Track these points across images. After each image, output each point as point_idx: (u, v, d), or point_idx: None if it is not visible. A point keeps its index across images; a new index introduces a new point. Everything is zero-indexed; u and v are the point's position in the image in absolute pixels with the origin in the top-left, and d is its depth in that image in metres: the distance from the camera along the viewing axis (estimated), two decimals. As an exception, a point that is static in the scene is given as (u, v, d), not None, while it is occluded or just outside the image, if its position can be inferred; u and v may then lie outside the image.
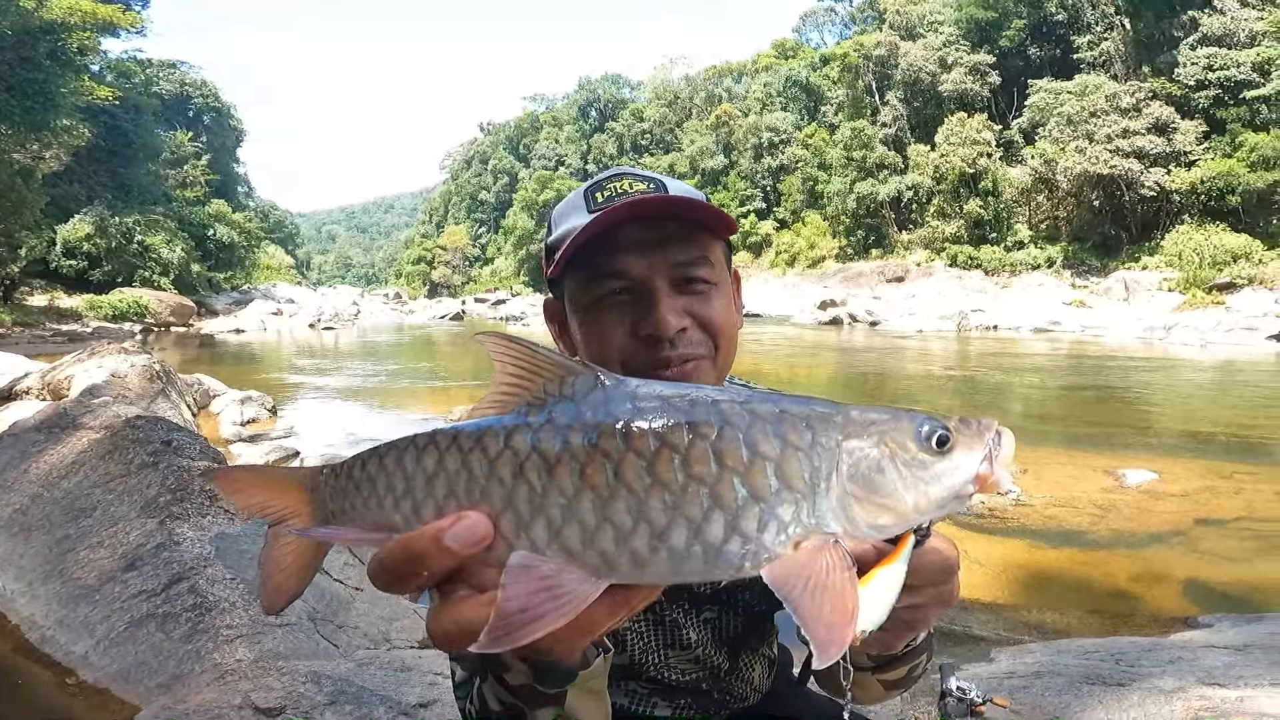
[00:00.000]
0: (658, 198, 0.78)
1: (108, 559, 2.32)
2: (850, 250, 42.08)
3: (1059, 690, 2.04)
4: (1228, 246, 26.92)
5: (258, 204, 68.14)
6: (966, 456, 0.45)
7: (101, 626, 2.09)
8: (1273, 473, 5.49)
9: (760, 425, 0.43)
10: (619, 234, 0.77)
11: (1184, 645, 2.51)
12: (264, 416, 7.67)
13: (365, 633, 2.26)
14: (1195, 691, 2.01)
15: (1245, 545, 3.98)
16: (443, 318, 35.67)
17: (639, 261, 0.78)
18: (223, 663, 1.86)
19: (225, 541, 2.34)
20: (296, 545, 0.53)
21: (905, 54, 42.01)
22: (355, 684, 1.77)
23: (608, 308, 0.80)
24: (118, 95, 29.11)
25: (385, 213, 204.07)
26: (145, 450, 2.78)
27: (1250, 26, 30.36)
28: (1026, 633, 2.83)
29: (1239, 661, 2.31)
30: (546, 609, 0.40)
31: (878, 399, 10.15)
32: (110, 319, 24.30)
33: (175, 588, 2.12)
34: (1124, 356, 15.46)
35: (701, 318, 0.80)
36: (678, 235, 0.78)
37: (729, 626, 0.98)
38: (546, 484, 0.42)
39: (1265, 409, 8.81)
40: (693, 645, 0.96)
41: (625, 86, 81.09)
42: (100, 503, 2.60)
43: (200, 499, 2.51)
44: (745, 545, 0.41)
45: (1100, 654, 2.43)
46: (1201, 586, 3.43)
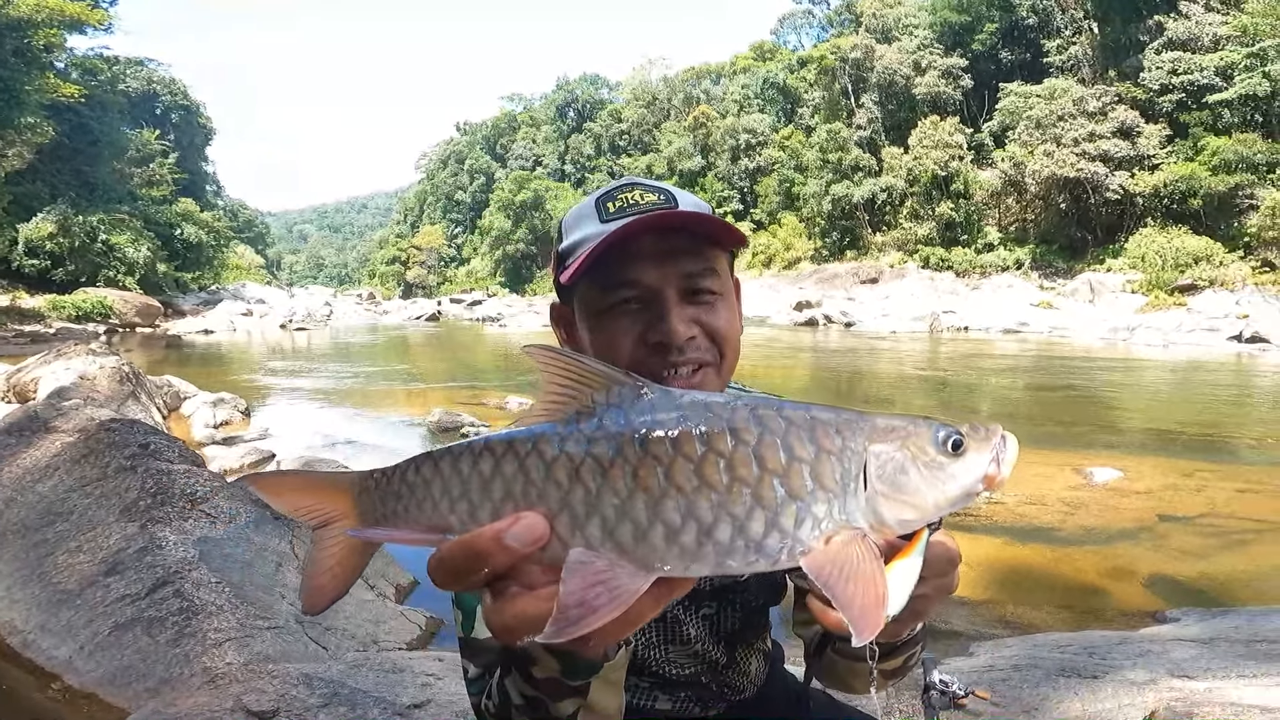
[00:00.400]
0: (675, 214, 0.81)
1: (88, 563, 2.29)
2: (825, 252, 42.49)
3: (1036, 683, 2.10)
4: (1189, 249, 27.64)
5: (226, 203, 66.89)
6: (977, 458, 0.50)
7: (85, 631, 2.06)
8: (1232, 471, 5.69)
9: (796, 431, 0.47)
10: (633, 245, 0.80)
11: (1152, 639, 2.60)
12: (237, 419, 7.55)
13: (353, 635, 2.26)
14: (1165, 683, 2.09)
15: (1207, 541, 4.12)
16: (418, 318, 35.32)
17: (651, 272, 0.81)
18: (212, 666, 1.84)
19: (209, 545, 2.31)
20: (343, 547, 0.54)
21: (880, 57, 42.57)
22: (348, 686, 1.77)
23: (619, 315, 0.83)
24: (83, 93, 28.43)
25: (358, 212, 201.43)
26: (122, 454, 2.73)
27: (1214, 31, 30.97)
28: (1002, 627, 2.91)
29: (1205, 654, 2.40)
30: (602, 601, 0.43)
31: (853, 400, 10.29)
32: (74, 319, 23.70)
33: (160, 591, 2.09)
34: (1089, 357, 15.84)
35: (708, 326, 0.83)
36: (688, 247, 0.82)
37: (727, 622, 1.02)
38: (601, 486, 0.45)
39: (1225, 409, 9.10)
40: (692, 640, 0.99)
41: (603, 87, 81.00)
42: (77, 507, 2.56)
43: (182, 502, 2.48)
44: (783, 539, 0.45)
45: (1074, 647, 2.51)
46: (1167, 581, 3.55)
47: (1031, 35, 40.05)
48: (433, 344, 21.80)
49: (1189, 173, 29.22)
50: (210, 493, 2.62)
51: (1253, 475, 5.58)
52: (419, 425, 7.38)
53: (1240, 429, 7.62)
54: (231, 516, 2.54)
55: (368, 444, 6.55)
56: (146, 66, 49.06)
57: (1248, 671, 2.22)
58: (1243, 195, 27.96)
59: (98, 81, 35.22)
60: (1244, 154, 27.94)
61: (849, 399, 10.37)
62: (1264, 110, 29.22)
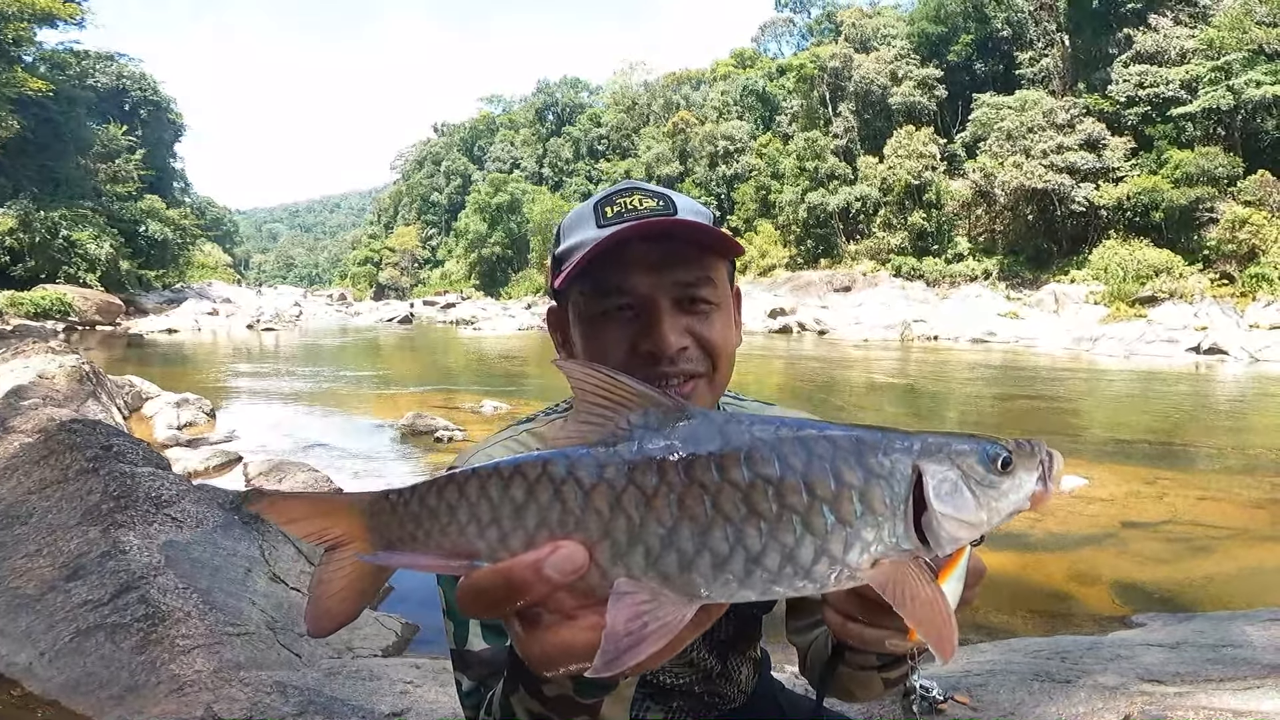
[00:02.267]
0: (667, 220, 0.79)
1: (48, 568, 2.21)
2: (800, 259, 42.86)
3: (1012, 687, 2.13)
4: (1150, 261, 28.32)
5: (194, 200, 65.46)
6: (1026, 476, 0.50)
7: (46, 637, 1.99)
8: (1192, 478, 5.85)
9: (843, 455, 0.46)
10: (626, 251, 0.79)
11: (1122, 643, 2.65)
12: (202, 420, 7.37)
13: (327, 641, 2.21)
14: (1136, 687, 2.13)
15: (1170, 547, 4.22)
16: (390, 320, 34.89)
17: (644, 279, 0.79)
18: (180, 674, 1.79)
19: (175, 550, 2.25)
20: (355, 569, 0.52)
21: (859, 66, 43.14)
22: (324, 694, 1.73)
23: (611, 322, 0.81)
24: (51, 88, 27.74)
25: (331, 212, 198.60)
26: (84, 455, 2.65)
27: (1181, 44, 31.64)
28: (975, 632, 2.95)
29: (1174, 658, 2.46)
30: (650, 631, 0.43)
31: (827, 408, 10.38)
32: (32, 316, 23.03)
33: (124, 597, 2.02)
34: (1054, 366, 16.18)
35: (701, 337, 0.82)
36: (683, 255, 0.80)
37: (721, 630, 1.01)
38: (645, 515, 0.44)
39: (1184, 418, 9.35)
40: (688, 649, 0.98)
41: (584, 90, 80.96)
42: (37, 509, 2.47)
43: (146, 506, 2.41)
44: (833, 565, 0.45)
45: (1046, 652, 2.55)
46: (1132, 586, 3.63)
47: (1005, 47, 40.85)
48: (405, 346, 21.55)
49: (1152, 185, 29.89)
50: (176, 496, 2.54)
51: (1211, 482, 5.74)
52: (391, 428, 7.27)
53: (1199, 438, 7.83)
54: (199, 520, 2.47)
55: (338, 447, 6.43)
56: (117, 61, 47.94)
57: (1215, 675, 2.28)
58: (1203, 209, 28.71)
59: (66, 76, 34.35)
60: (1205, 167, 28.64)
61: (824, 406, 10.47)
62: (1226, 124, 30.02)
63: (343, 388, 11.43)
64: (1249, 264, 26.56)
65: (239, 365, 14.67)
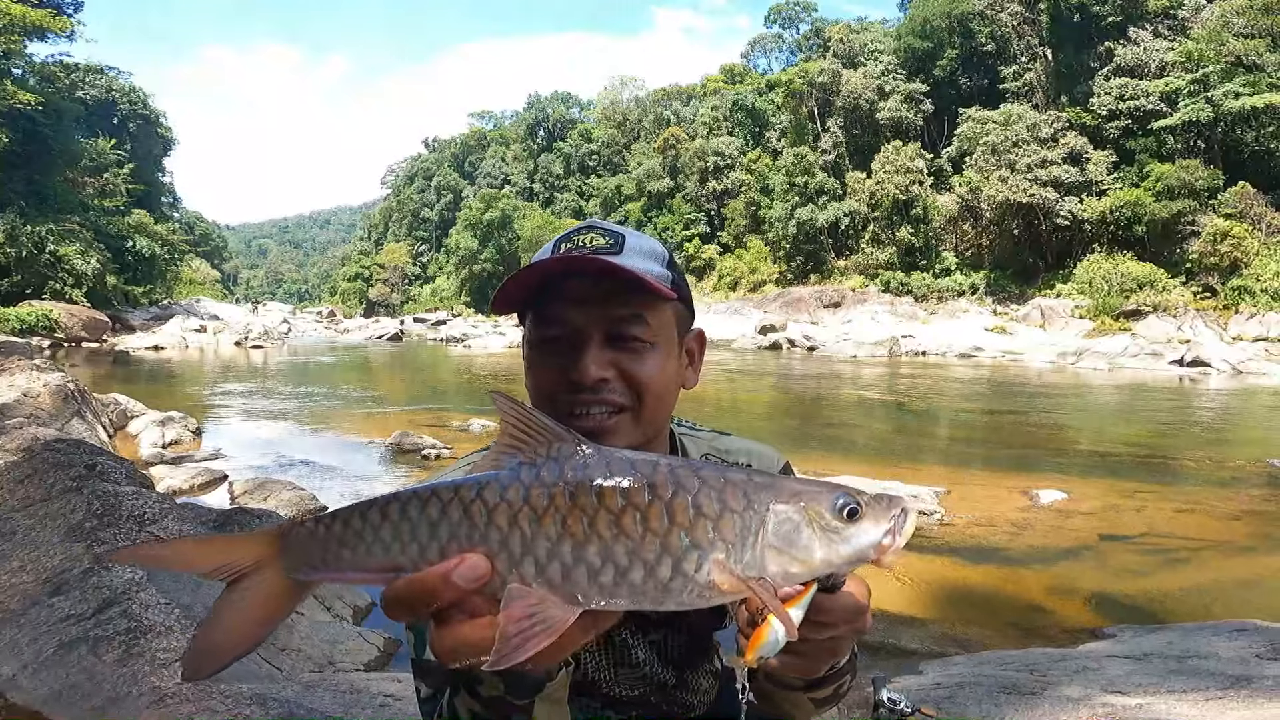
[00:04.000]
0: (592, 260, 0.83)
1: (31, 583, 2.23)
2: (790, 275, 43.09)
3: (979, 700, 2.17)
4: (1134, 275, 28.61)
5: (183, 215, 65.23)
6: (872, 528, 0.57)
7: (29, 650, 2.01)
8: (1171, 491, 5.93)
9: (706, 490, 0.55)
10: (565, 286, 0.84)
11: (1090, 655, 2.70)
12: (187, 439, 7.34)
13: (309, 655, 2.23)
14: (1099, 699, 2.18)
15: (1147, 560, 4.29)
16: (380, 337, 34.79)
17: (577, 313, 0.84)
18: (161, 686, 1.81)
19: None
20: (263, 596, 0.56)
21: (846, 81, 43.66)
22: (304, 706, 1.76)
23: (548, 350, 0.87)
24: (40, 101, 27.70)
25: (321, 228, 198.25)
26: (67, 474, 2.67)
27: (1161, 57, 32.14)
28: (951, 645, 2.99)
29: (1138, 670, 2.51)
30: (536, 630, 0.50)
31: (816, 422, 10.44)
32: (16, 333, 22.80)
33: (107, 612, 2.05)
34: (1039, 381, 16.34)
35: (627, 372, 0.85)
36: (617, 293, 0.84)
37: (674, 647, 1.06)
38: (535, 531, 0.53)
39: (1165, 431, 9.46)
40: (641, 664, 1.03)
41: (575, 106, 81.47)
42: (20, 527, 2.49)
43: (129, 524, 2.43)
44: (687, 582, 0.53)
45: (1016, 664, 2.60)
46: (1107, 599, 3.69)
47: (990, 61, 41.45)
48: (394, 364, 21.51)
49: (1134, 199, 30.22)
50: (159, 514, 2.57)
51: (1190, 495, 5.82)
52: (378, 446, 7.27)
53: (1179, 451, 7.93)
54: (181, 538, 2.49)
55: (324, 465, 6.42)
56: (107, 74, 47.85)
57: (1178, 687, 2.32)
58: (1185, 222, 29.04)
59: (55, 88, 34.29)
60: (1186, 180, 28.98)
61: (812, 422, 10.53)
62: (1206, 136, 30.46)
63: (330, 406, 11.41)
64: (1231, 276, 26.88)
65: (226, 383, 14.61)
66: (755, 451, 1.07)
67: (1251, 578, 4.09)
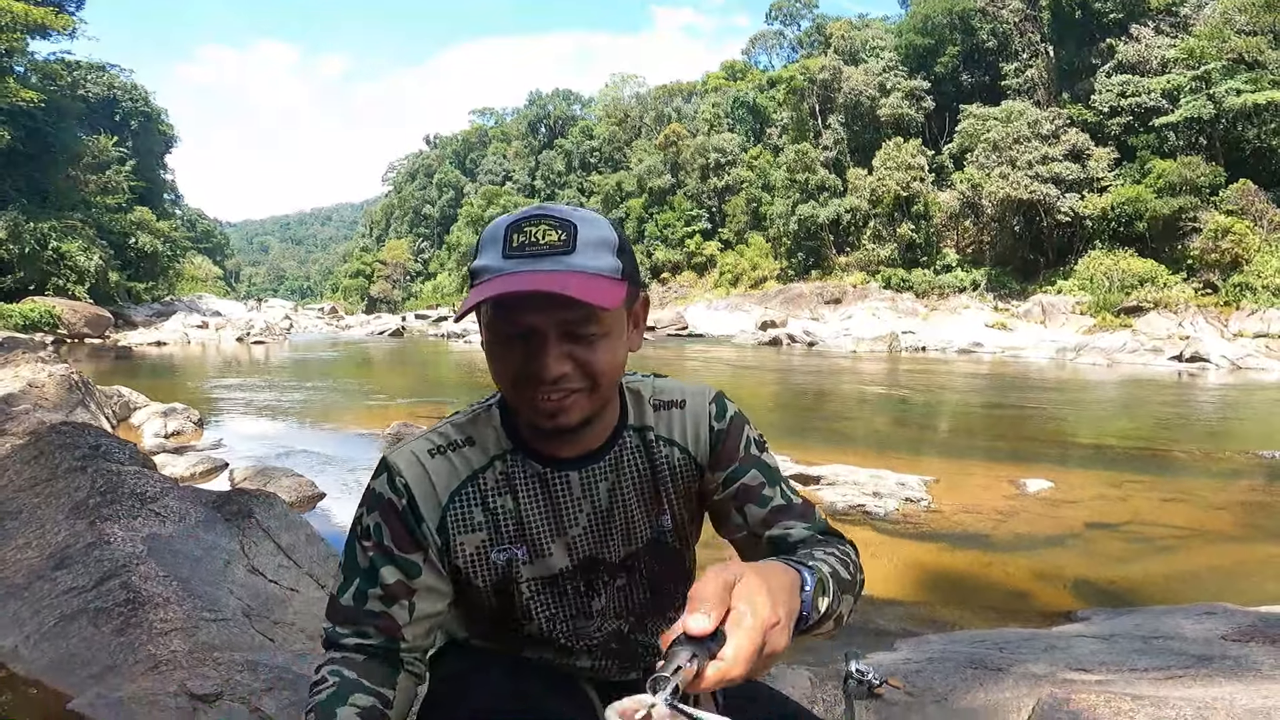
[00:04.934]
0: (550, 282, 0.87)
1: (36, 558, 2.31)
2: (791, 271, 43.16)
3: (947, 674, 2.25)
4: (1135, 271, 28.66)
5: (185, 212, 65.37)
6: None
7: (31, 622, 2.09)
8: (1159, 482, 6.00)
9: None
10: (516, 298, 0.89)
11: (1060, 635, 2.78)
12: (189, 429, 7.44)
13: (302, 629, 2.32)
14: (1061, 675, 2.25)
15: (1129, 547, 4.36)
16: (381, 333, 34.92)
17: (534, 316, 0.89)
18: (157, 653, 1.89)
19: (158, 542, 2.35)
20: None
21: (848, 78, 43.64)
22: (293, 671, 1.84)
23: (507, 346, 0.92)
24: (42, 99, 27.83)
25: (322, 224, 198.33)
26: (72, 455, 2.75)
27: (1163, 54, 32.11)
28: (927, 626, 3.07)
29: (1104, 649, 2.58)
30: None
31: (815, 416, 10.51)
32: (20, 329, 22.96)
33: (107, 584, 2.13)
34: (1037, 376, 16.40)
35: (583, 362, 0.92)
36: (569, 301, 0.87)
37: (637, 593, 1.13)
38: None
39: (1158, 425, 9.53)
40: (596, 614, 1.11)
41: (576, 103, 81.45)
42: (26, 506, 2.58)
43: (131, 501, 2.51)
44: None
45: (987, 643, 2.67)
46: (1087, 584, 3.76)
47: (991, 58, 41.40)
48: (395, 360, 21.62)
49: (1135, 195, 30.24)
50: (160, 493, 2.65)
51: (1177, 486, 5.89)
52: (377, 437, 7.37)
53: (1171, 444, 8.00)
54: (181, 516, 2.58)
55: (323, 454, 6.51)
56: (108, 71, 47.99)
57: (1140, 665, 2.40)
58: (1186, 218, 29.06)
59: (56, 86, 34.42)
60: (1188, 177, 29.00)
61: (811, 415, 10.61)
62: (1207, 133, 30.45)
63: (331, 399, 11.51)
64: (1232, 273, 26.90)
65: (228, 378, 14.72)
66: (691, 388, 1.13)
67: (1232, 565, 4.16)
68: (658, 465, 1.09)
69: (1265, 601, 3.28)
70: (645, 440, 1.09)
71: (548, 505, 1.05)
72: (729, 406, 1.12)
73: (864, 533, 4.36)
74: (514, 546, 1.04)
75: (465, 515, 1.02)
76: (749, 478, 1.08)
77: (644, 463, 1.09)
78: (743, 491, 1.08)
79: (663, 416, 1.10)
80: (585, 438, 1.04)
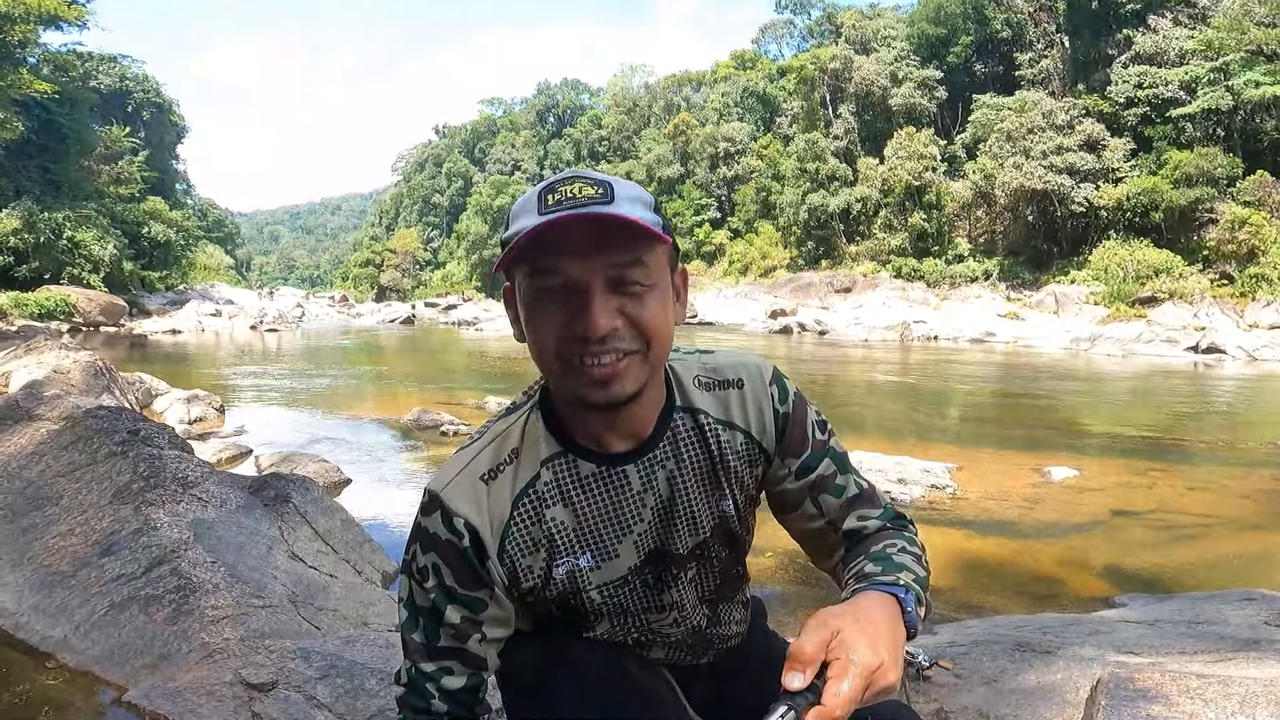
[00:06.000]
0: (595, 214, 0.82)
1: (81, 545, 2.33)
2: (801, 261, 42.98)
3: (994, 656, 2.24)
4: (1150, 261, 28.39)
5: (196, 202, 65.69)
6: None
7: (80, 611, 2.10)
8: (1181, 471, 5.97)
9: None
10: (560, 237, 0.82)
11: (1101, 620, 2.77)
12: (212, 416, 7.51)
13: (344, 615, 2.33)
14: (1112, 658, 2.24)
15: (1157, 534, 4.34)
16: (392, 321, 35.04)
17: (577, 263, 0.83)
18: (210, 642, 1.90)
19: (202, 528, 2.37)
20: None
21: (859, 68, 43.27)
22: (345, 659, 1.85)
23: (546, 303, 0.85)
24: (56, 90, 27.98)
25: (332, 214, 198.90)
26: (112, 440, 2.77)
27: (1180, 45, 31.70)
28: (964, 612, 3.06)
29: (1150, 634, 2.57)
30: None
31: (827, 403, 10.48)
32: (36, 317, 23.21)
33: (156, 570, 2.14)
34: (1051, 366, 16.30)
35: (634, 317, 0.85)
36: (615, 240, 0.83)
37: (708, 581, 1.11)
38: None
39: (1176, 415, 9.46)
40: (670, 607, 1.07)
41: (584, 93, 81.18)
42: (66, 491, 2.59)
43: (174, 486, 2.53)
44: None
45: (1029, 627, 2.67)
46: (1117, 570, 3.75)
47: (1005, 48, 40.97)
48: (408, 347, 21.68)
49: (1151, 186, 29.95)
50: (200, 478, 2.67)
51: (1199, 475, 5.86)
52: (396, 423, 7.40)
53: (1191, 433, 7.95)
54: (222, 501, 2.59)
55: (345, 440, 6.55)
56: (120, 63, 48.22)
57: (1189, 649, 2.39)
58: (1202, 209, 28.78)
59: (69, 77, 34.58)
60: (1205, 168, 28.71)
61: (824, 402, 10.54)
62: (1225, 124, 30.10)
63: (347, 386, 11.57)
64: (1248, 264, 26.65)
65: (244, 365, 14.81)
66: (743, 363, 1.06)
67: (1260, 552, 4.14)
68: (717, 450, 1.02)
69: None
70: (699, 423, 1.02)
71: (609, 505, 0.99)
72: (789, 386, 1.05)
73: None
74: (574, 557, 0.99)
75: (524, 538, 0.97)
76: (823, 467, 1.04)
77: (700, 447, 1.02)
78: (819, 482, 1.04)
79: (718, 398, 1.03)
80: (635, 422, 0.97)
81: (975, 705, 1.82)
